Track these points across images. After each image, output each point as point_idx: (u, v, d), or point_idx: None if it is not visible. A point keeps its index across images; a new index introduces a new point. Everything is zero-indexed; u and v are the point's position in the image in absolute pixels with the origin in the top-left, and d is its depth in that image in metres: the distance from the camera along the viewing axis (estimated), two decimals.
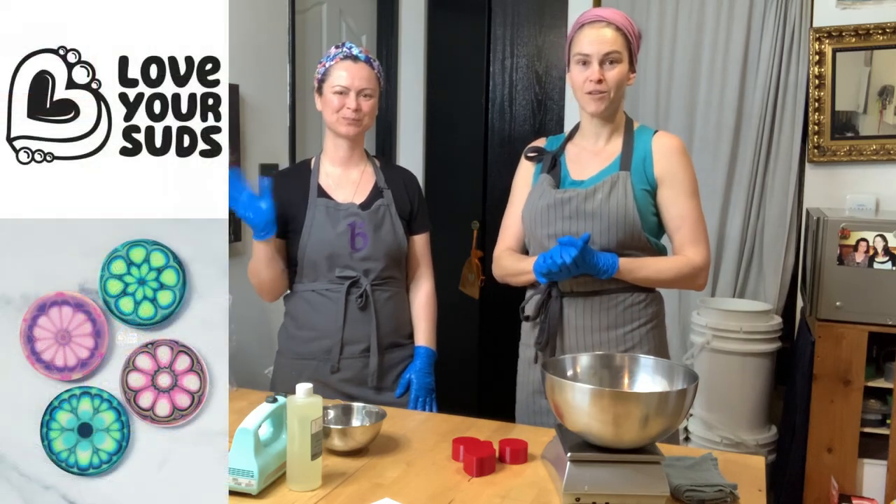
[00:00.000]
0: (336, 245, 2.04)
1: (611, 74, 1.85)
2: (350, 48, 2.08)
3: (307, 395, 1.50)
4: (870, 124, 3.03)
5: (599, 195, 1.85)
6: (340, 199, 2.09)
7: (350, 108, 2.04)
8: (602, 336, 1.88)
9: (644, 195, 1.86)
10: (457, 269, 3.83)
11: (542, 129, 3.79)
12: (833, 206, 3.06)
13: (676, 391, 1.40)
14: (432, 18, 3.89)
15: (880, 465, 2.63)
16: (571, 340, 1.90)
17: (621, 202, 1.84)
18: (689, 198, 1.88)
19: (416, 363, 2.14)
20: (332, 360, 2.05)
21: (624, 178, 1.86)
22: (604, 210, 1.84)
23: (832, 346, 2.64)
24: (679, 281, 1.89)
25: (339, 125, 2.07)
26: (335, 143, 2.13)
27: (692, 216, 1.88)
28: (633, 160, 1.88)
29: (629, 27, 1.88)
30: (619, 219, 1.83)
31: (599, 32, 1.86)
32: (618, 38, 1.85)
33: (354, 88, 2.04)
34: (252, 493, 1.45)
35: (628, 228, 1.84)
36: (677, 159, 1.88)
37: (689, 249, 1.88)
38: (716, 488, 1.46)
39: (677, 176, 1.88)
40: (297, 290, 2.11)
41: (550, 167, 1.96)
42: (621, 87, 1.88)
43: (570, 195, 1.87)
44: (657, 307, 1.94)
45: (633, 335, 1.89)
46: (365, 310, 2.05)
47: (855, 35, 2.99)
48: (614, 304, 1.88)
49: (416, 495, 1.48)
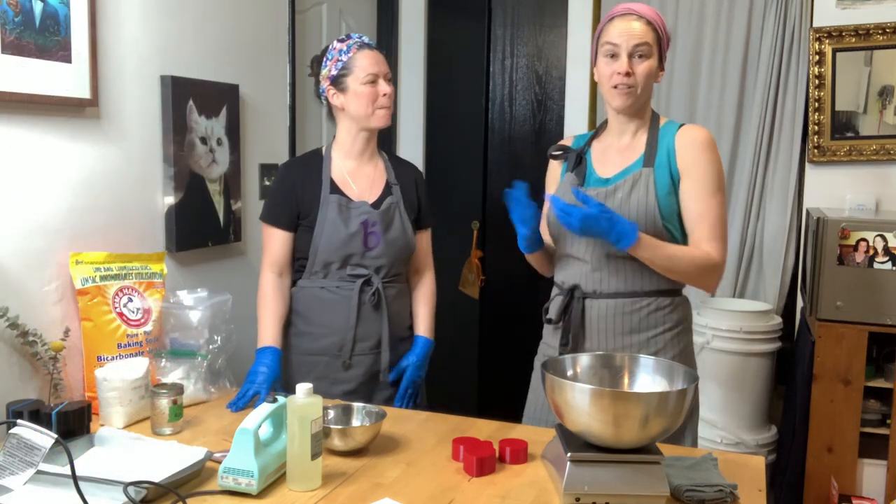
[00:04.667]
0: (349, 244, 2.04)
1: (640, 68, 1.79)
2: (361, 37, 2.07)
3: (307, 395, 1.50)
4: (870, 124, 3.03)
5: (620, 194, 1.81)
6: (354, 194, 2.09)
7: (386, 94, 2.03)
8: (626, 340, 1.84)
9: (668, 191, 1.81)
10: (457, 269, 3.83)
11: (542, 129, 3.79)
12: (833, 206, 3.06)
13: (676, 391, 1.40)
14: (432, 18, 3.88)
15: (880, 465, 2.63)
16: (594, 343, 1.86)
17: (642, 200, 1.80)
18: (711, 194, 1.80)
19: (414, 353, 2.15)
20: (343, 357, 2.06)
21: (647, 175, 1.81)
22: (624, 209, 1.79)
23: (832, 346, 2.64)
24: (696, 272, 1.80)
25: (375, 118, 2.05)
26: (355, 137, 2.10)
27: (713, 213, 1.80)
28: (657, 156, 1.84)
29: (660, 23, 1.84)
30: (640, 216, 1.79)
31: (630, 24, 1.80)
32: (648, 31, 1.80)
33: (382, 74, 2.03)
34: (252, 493, 1.45)
35: (649, 226, 1.79)
36: (701, 152, 1.81)
37: (706, 245, 1.80)
38: (716, 488, 1.46)
39: (699, 169, 1.80)
40: (305, 286, 2.10)
41: (575, 165, 1.93)
42: (649, 82, 1.82)
43: (591, 194, 1.82)
44: (683, 312, 1.89)
45: (658, 340, 1.84)
46: (378, 308, 2.06)
47: (855, 35, 2.99)
48: (638, 307, 1.84)
49: (416, 495, 1.48)
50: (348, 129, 2.10)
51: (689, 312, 1.93)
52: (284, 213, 2.08)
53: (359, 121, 2.07)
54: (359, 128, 2.08)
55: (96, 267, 1.98)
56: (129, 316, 2.00)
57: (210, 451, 1.57)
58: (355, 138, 2.10)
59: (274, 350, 2.02)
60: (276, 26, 2.79)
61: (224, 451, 1.57)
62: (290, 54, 2.87)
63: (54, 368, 1.86)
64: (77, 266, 1.95)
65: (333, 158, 2.12)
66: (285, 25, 2.84)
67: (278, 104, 2.84)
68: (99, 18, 2.02)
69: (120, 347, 1.96)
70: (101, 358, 1.94)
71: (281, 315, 2.08)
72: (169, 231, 2.30)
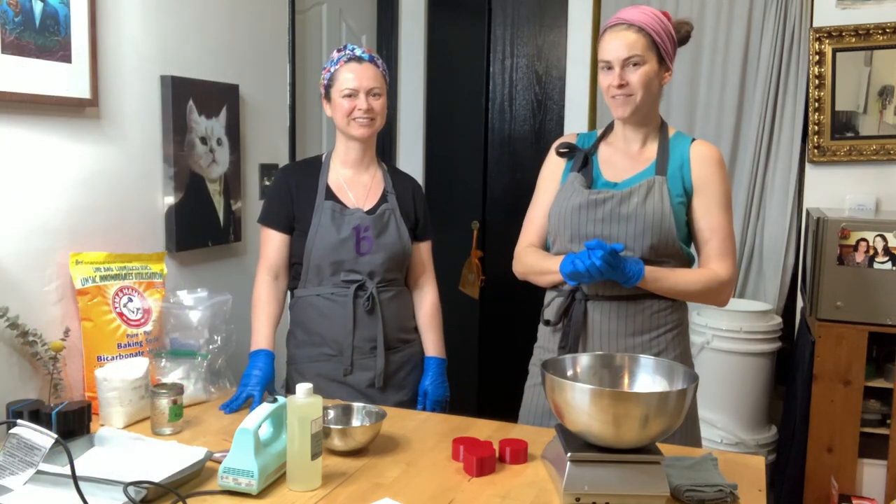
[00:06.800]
0: (341, 249, 2.04)
1: (634, 77, 1.79)
2: (353, 49, 2.08)
3: (307, 395, 1.50)
4: (870, 124, 3.03)
5: (635, 198, 1.81)
6: (349, 202, 2.10)
7: (361, 109, 2.03)
8: (628, 341, 1.85)
9: (679, 202, 1.83)
10: (457, 269, 3.83)
11: (542, 129, 3.79)
12: (833, 206, 3.06)
13: (676, 391, 1.40)
14: (432, 18, 3.88)
15: (880, 465, 2.63)
16: (595, 345, 1.86)
17: (657, 207, 1.80)
18: (722, 211, 1.84)
19: (430, 375, 2.16)
20: (344, 363, 2.06)
21: (660, 182, 1.82)
22: (640, 214, 1.80)
23: (832, 346, 2.64)
24: (703, 295, 1.85)
25: (351, 128, 2.07)
26: (347, 146, 2.13)
27: (723, 230, 1.84)
28: (669, 166, 1.85)
29: (655, 26, 1.81)
30: (655, 223, 1.80)
31: (619, 37, 1.80)
32: (639, 39, 1.79)
33: (363, 89, 2.04)
34: (252, 493, 1.45)
35: (663, 234, 1.80)
36: (714, 170, 1.85)
37: (715, 263, 1.84)
38: (716, 488, 1.46)
39: (712, 186, 1.84)
40: (302, 295, 2.11)
41: (581, 166, 1.92)
42: (649, 88, 1.81)
43: (605, 196, 1.83)
44: (681, 313, 1.91)
45: (660, 341, 1.85)
46: (372, 312, 2.06)
47: (855, 35, 2.99)
48: (640, 309, 1.84)
49: (416, 495, 1.48)
50: (339, 137, 2.14)
51: (686, 314, 1.94)
52: (281, 216, 2.09)
53: (341, 130, 2.11)
54: (345, 137, 2.11)
55: (96, 267, 1.98)
56: (129, 316, 2.00)
57: (210, 451, 1.57)
58: (347, 147, 2.13)
59: (267, 353, 2.02)
60: (276, 26, 2.79)
61: (224, 451, 1.57)
62: (290, 54, 2.87)
63: (54, 368, 1.86)
64: (77, 266, 1.95)
65: (332, 166, 2.14)
66: (285, 25, 2.84)
67: (278, 104, 2.84)
68: (99, 18, 2.02)
69: (120, 347, 1.96)
70: (101, 358, 1.94)
71: (275, 318, 2.08)
72: (169, 231, 2.30)
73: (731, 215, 1.87)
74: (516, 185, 3.83)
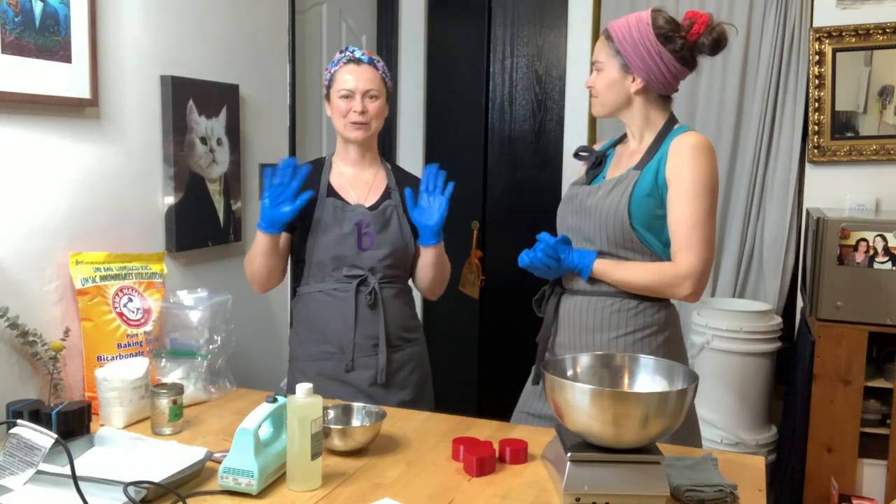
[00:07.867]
0: (342, 245, 2.06)
1: (597, 80, 1.90)
2: (353, 51, 2.10)
3: (307, 395, 1.50)
4: (870, 124, 3.03)
5: (601, 192, 1.86)
6: (352, 199, 2.12)
7: (356, 111, 2.05)
8: (588, 338, 1.87)
9: (646, 193, 1.81)
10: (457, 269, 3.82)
11: (542, 129, 3.78)
12: (833, 206, 3.06)
13: (676, 391, 1.40)
14: (432, 18, 3.88)
15: (880, 465, 2.63)
16: (565, 338, 1.91)
17: (614, 202, 1.83)
18: (690, 200, 1.78)
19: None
20: (346, 359, 2.06)
21: (633, 177, 1.84)
22: (599, 206, 1.85)
23: (832, 346, 2.64)
24: (657, 288, 1.81)
25: (347, 130, 2.10)
26: (346, 147, 2.16)
27: (689, 220, 1.78)
28: (651, 161, 1.85)
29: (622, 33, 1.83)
30: (610, 216, 1.82)
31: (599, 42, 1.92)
32: (605, 46, 1.88)
33: (359, 91, 2.06)
34: (252, 493, 1.45)
35: (617, 227, 1.82)
36: (687, 158, 1.79)
37: (680, 255, 1.80)
38: (716, 488, 1.46)
39: (682, 175, 1.79)
40: (304, 292, 2.12)
41: (593, 165, 1.98)
42: (610, 91, 1.88)
43: (578, 192, 1.92)
44: (655, 317, 1.86)
45: (620, 341, 1.84)
46: (374, 307, 2.06)
47: (855, 35, 2.99)
48: (601, 307, 1.86)
49: (416, 495, 1.48)
50: (340, 138, 2.16)
51: (667, 318, 1.88)
52: None
53: (338, 131, 2.13)
54: (344, 138, 2.14)
55: (96, 267, 1.98)
56: (129, 316, 2.00)
57: (210, 451, 1.57)
58: (346, 147, 2.16)
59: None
60: (276, 26, 2.79)
61: (224, 451, 1.57)
62: (290, 54, 2.87)
63: (54, 368, 1.86)
64: (77, 266, 1.95)
65: (334, 165, 2.17)
66: (285, 25, 2.84)
67: (278, 104, 2.84)
68: (99, 18, 2.02)
69: (120, 347, 1.96)
70: (101, 358, 1.94)
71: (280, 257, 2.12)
72: (169, 231, 2.30)
73: (706, 203, 1.78)
74: (516, 185, 3.83)
